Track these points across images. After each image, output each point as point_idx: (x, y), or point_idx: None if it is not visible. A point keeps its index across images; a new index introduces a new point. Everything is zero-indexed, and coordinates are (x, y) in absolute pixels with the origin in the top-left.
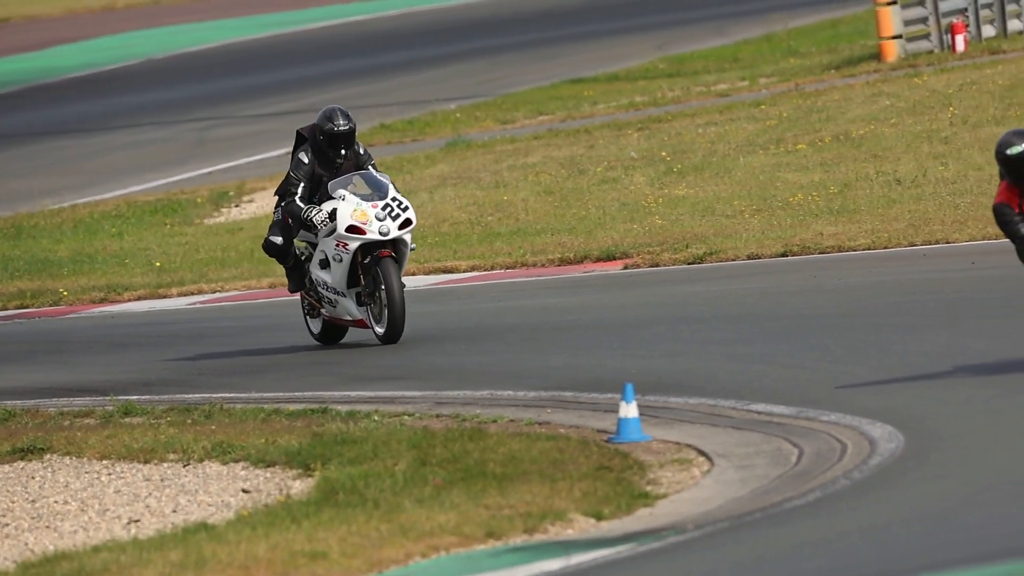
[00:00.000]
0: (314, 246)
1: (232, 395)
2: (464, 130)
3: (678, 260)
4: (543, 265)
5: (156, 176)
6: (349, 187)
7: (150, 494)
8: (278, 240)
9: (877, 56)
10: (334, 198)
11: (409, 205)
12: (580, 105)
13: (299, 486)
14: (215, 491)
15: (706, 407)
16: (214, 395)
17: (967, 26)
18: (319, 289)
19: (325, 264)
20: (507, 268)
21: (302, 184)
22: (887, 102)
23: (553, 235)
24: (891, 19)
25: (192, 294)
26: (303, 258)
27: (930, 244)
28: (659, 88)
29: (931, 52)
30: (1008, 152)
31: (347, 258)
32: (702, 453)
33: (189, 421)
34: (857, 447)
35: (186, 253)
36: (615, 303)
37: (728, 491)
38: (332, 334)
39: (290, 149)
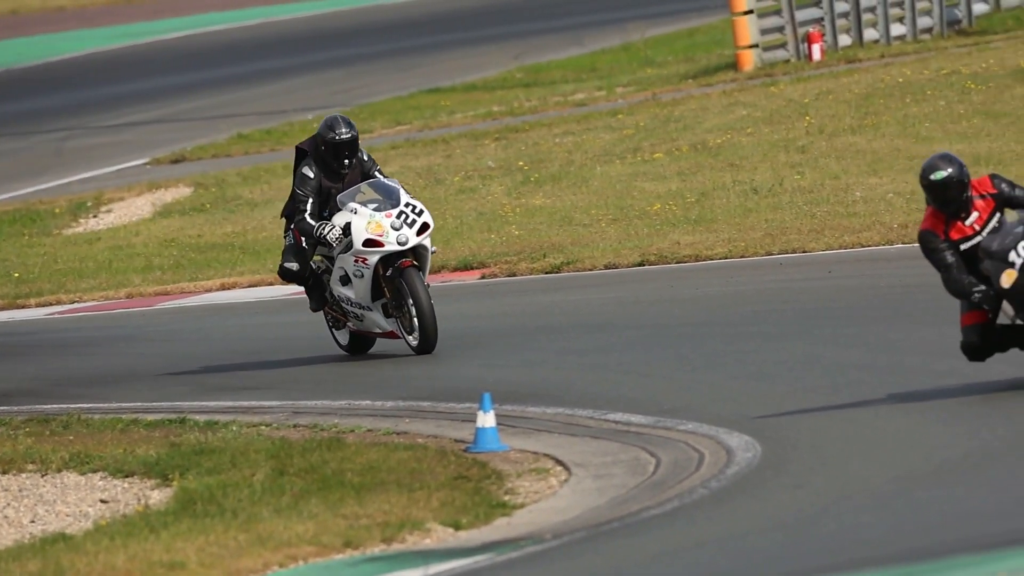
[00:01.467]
0: (330, 259)
1: (90, 405)
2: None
3: (535, 270)
4: None
5: (14, 187)
6: (359, 198)
7: (8, 504)
8: (293, 267)
9: (734, 65)
10: (345, 212)
11: (424, 208)
12: (437, 115)
13: (157, 496)
14: (73, 501)
15: (564, 417)
16: (72, 405)
17: (823, 35)
18: (343, 305)
19: (346, 280)
20: None
21: (310, 200)
22: (744, 111)
23: None
24: (748, 28)
25: (50, 304)
26: (320, 272)
27: (787, 253)
28: (516, 98)
29: (788, 61)
30: (932, 177)
31: (368, 273)
32: (560, 463)
33: (47, 432)
34: (714, 456)
35: (44, 263)
36: (473, 313)
37: (586, 500)
38: (361, 344)
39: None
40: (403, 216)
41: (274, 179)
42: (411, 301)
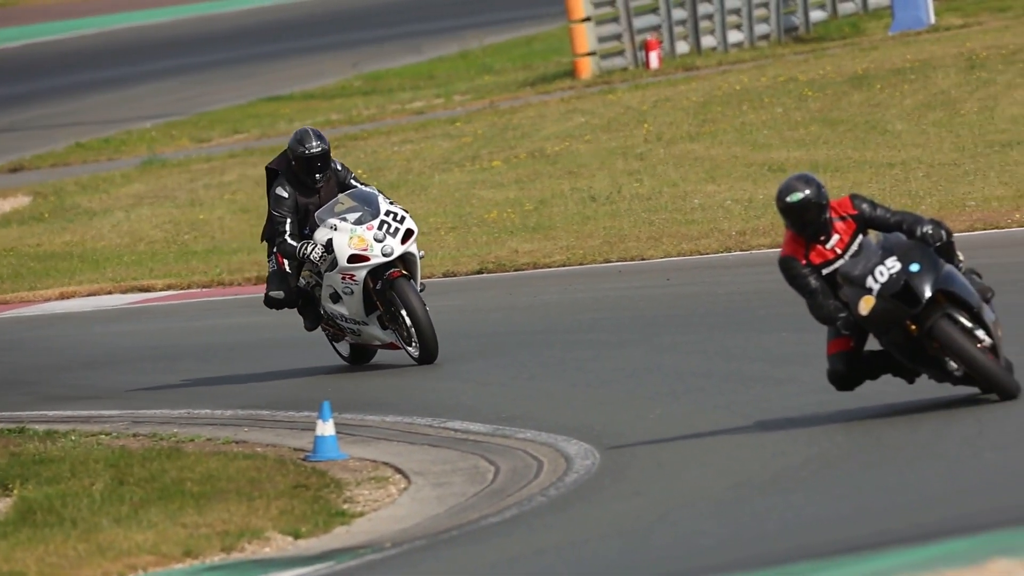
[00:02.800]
0: (318, 273)
1: None
2: (160, 149)
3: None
4: (240, 284)
5: None
6: (338, 209)
7: None
8: (279, 295)
9: (572, 73)
10: (325, 228)
11: (406, 214)
12: (276, 123)
13: None
14: None
15: (403, 425)
16: None
17: (661, 43)
18: (338, 322)
19: (337, 298)
20: (203, 287)
21: (288, 220)
22: (582, 119)
23: (249, 253)
24: (585, 36)
25: None
26: (311, 287)
27: (625, 261)
28: (354, 106)
29: (625, 69)
30: (788, 200)
31: (358, 289)
32: (399, 471)
33: None
34: (553, 464)
35: None
36: None
37: (425, 509)
38: (362, 355)
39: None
40: (385, 226)
41: (112, 188)
42: (405, 312)
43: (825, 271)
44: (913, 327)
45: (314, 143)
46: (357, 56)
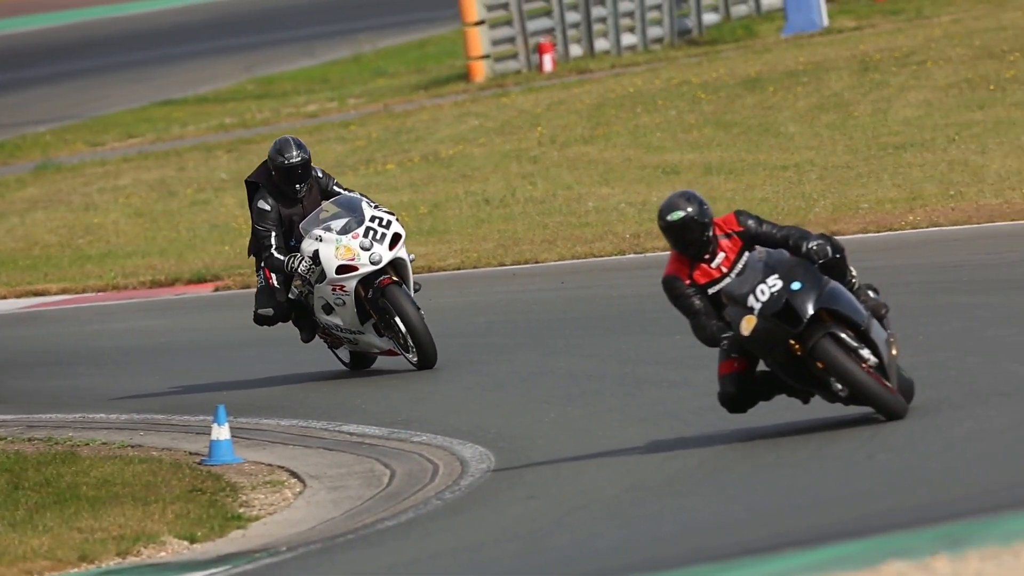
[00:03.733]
0: (309, 282)
1: None
2: (54, 153)
3: None
4: (134, 288)
5: None
6: (322, 216)
7: None
8: (268, 312)
9: (465, 76)
10: (311, 240)
11: (392, 218)
12: (170, 127)
13: None
14: None
15: (298, 428)
16: None
17: (555, 45)
18: (333, 332)
19: (329, 309)
20: (98, 291)
21: (273, 233)
22: (476, 122)
23: (144, 257)
24: (479, 39)
25: None
26: (304, 296)
27: (519, 264)
28: (248, 109)
29: (519, 72)
30: (669, 218)
31: (349, 299)
32: (294, 474)
33: None
34: (449, 468)
35: None
36: (207, 325)
37: (320, 512)
38: (363, 360)
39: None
40: (371, 233)
41: (7, 192)
42: (399, 319)
43: (711, 290)
44: (797, 347)
45: (294, 152)
46: (250, 60)
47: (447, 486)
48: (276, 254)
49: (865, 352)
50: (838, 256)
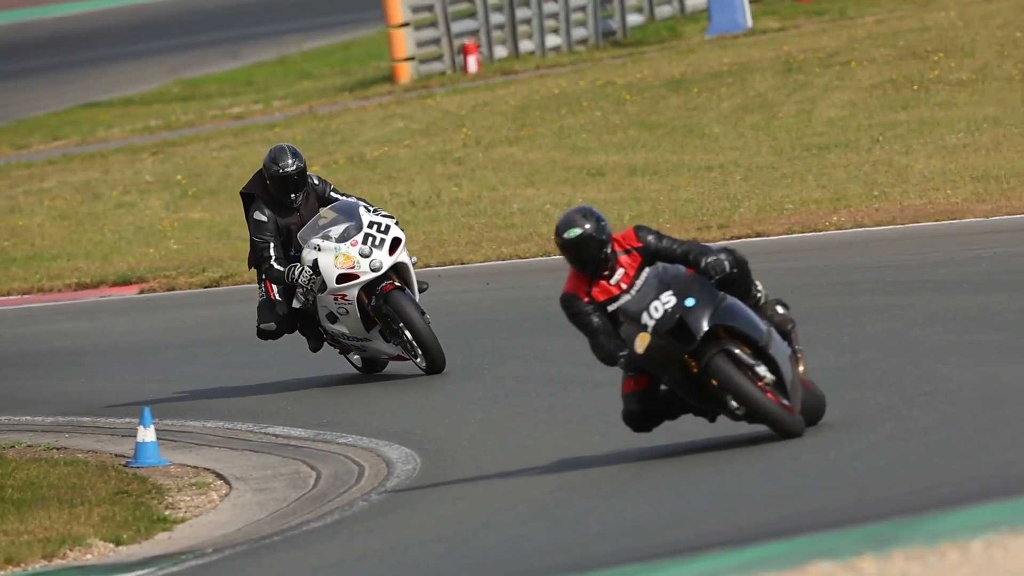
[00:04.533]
0: (311, 292)
1: None
2: None
3: (194, 284)
4: (59, 290)
5: None
6: (322, 226)
7: None
8: (270, 327)
9: (390, 78)
10: (309, 249)
11: (391, 222)
12: (95, 130)
13: None
14: None
15: (223, 430)
16: None
17: (479, 47)
18: (340, 340)
19: (334, 318)
20: (23, 293)
21: (271, 244)
22: (401, 124)
23: (69, 260)
24: (404, 41)
25: None
26: (308, 304)
27: (445, 265)
28: (173, 112)
29: (444, 73)
30: (566, 236)
31: (352, 308)
32: (220, 476)
33: None
34: (375, 469)
35: None
36: (132, 328)
37: (246, 514)
38: (374, 364)
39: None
40: (370, 239)
41: None
42: (404, 325)
43: (610, 308)
44: (693, 364)
45: (289, 161)
46: (176, 62)
47: (373, 487)
48: (276, 265)
49: (761, 369)
50: (735, 271)
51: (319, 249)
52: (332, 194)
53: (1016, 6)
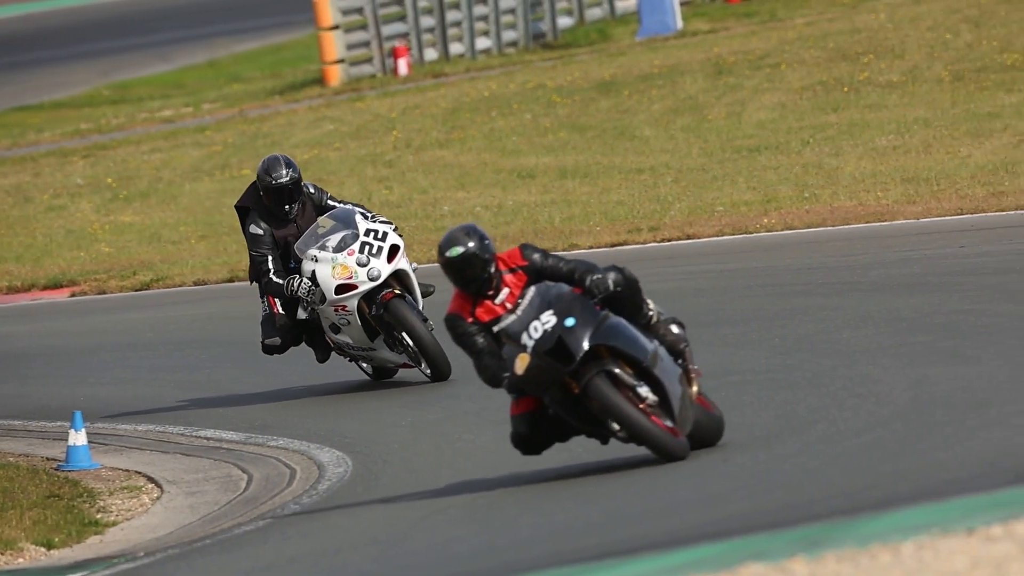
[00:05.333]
0: (312, 303)
1: None
2: None
3: (125, 287)
4: None
5: None
6: (321, 235)
7: None
8: (275, 342)
9: (321, 81)
10: (307, 261)
11: (388, 229)
12: (25, 133)
13: None
14: None
15: (155, 434)
16: None
17: (409, 49)
18: (346, 350)
19: (337, 329)
20: None
21: (270, 257)
22: (331, 126)
23: (0, 263)
24: (334, 44)
25: None
26: (313, 314)
27: None
28: (104, 115)
29: (374, 76)
30: (448, 255)
31: (353, 318)
32: (152, 480)
33: None
34: (306, 472)
35: None
36: (63, 331)
37: (178, 517)
38: (384, 371)
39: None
40: (367, 248)
41: None
42: (406, 333)
43: (496, 328)
44: (574, 385)
45: (283, 172)
46: (106, 66)
47: (304, 490)
48: (275, 278)
49: (643, 390)
50: (620, 290)
51: (316, 260)
52: (329, 202)
53: (945, 8)
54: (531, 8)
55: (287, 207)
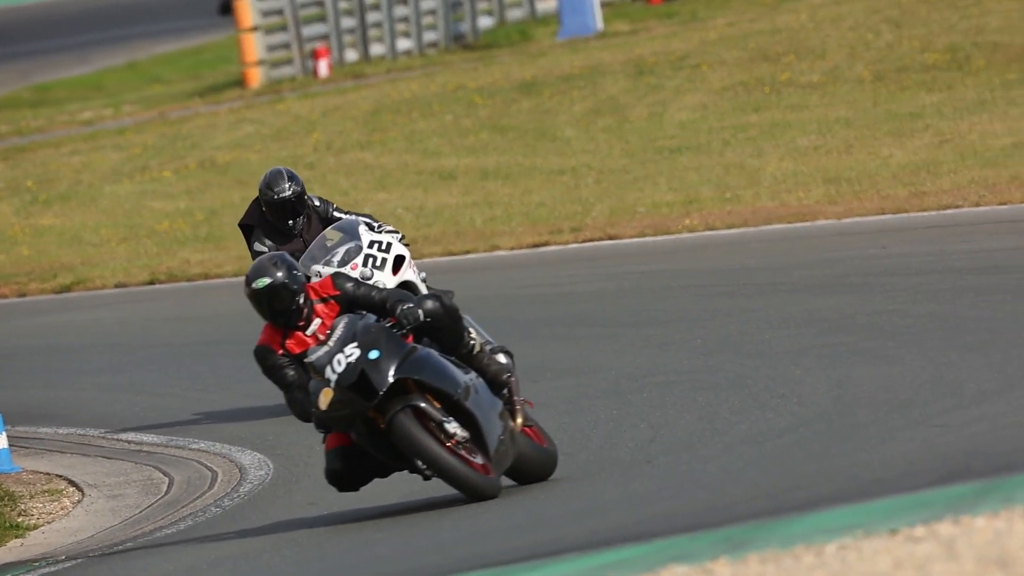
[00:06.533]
0: None
1: None
2: None
3: (46, 290)
4: None
5: None
6: (326, 251)
7: None
8: None
9: (241, 82)
10: (312, 276)
11: (393, 240)
12: None
13: None
14: None
15: (76, 437)
16: None
17: (330, 51)
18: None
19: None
20: None
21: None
22: (252, 128)
23: None
24: (254, 45)
25: None
26: None
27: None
28: (23, 117)
29: (294, 78)
30: (255, 286)
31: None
32: (73, 483)
33: None
34: (227, 475)
35: None
36: None
37: (99, 521)
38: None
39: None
40: (371, 260)
41: None
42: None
43: (305, 360)
44: (380, 421)
45: (285, 185)
46: (26, 67)
47: (226, 493)
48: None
49: (452, 425)
50: (430, 320)
51: (319, 276)
52: (335, 213)
53: (866, 8)
54: (452, 9)
55: (291, 222)
